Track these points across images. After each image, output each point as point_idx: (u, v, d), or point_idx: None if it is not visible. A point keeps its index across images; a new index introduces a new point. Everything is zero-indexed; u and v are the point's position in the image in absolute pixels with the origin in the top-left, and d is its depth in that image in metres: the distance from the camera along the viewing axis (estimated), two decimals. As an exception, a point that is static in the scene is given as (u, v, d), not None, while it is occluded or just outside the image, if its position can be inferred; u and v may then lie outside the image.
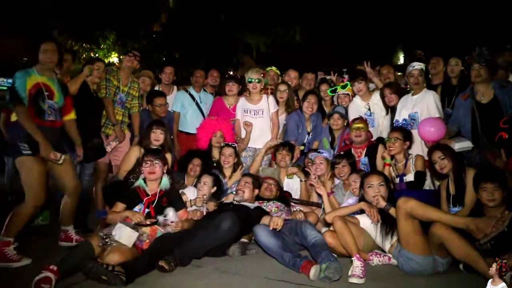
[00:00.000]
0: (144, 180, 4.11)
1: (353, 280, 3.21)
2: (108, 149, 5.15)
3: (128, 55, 5.60)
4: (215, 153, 5.48)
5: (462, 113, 4.91)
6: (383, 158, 4.78)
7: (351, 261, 3.37)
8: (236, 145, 5.38)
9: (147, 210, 3.94)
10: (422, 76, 5.12)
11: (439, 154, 4.17)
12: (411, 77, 5.16)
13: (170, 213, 3.87)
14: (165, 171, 4.17)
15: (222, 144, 5.34)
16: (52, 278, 2.95)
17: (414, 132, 4.91)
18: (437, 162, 4.18)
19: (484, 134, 4.69)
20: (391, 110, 5.40)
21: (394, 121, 5.14)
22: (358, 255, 3.35)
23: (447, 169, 4.14)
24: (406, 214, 3.32)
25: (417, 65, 5.14)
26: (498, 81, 4.92)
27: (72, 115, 4.50)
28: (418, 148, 4.92)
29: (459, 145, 4.66)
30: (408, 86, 5.58)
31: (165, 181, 4.14)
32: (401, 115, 5.13)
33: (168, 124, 5.67)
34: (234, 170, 5.24)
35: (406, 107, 5.14)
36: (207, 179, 4.74)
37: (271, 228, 3.63)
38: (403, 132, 4.70)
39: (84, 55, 11.68)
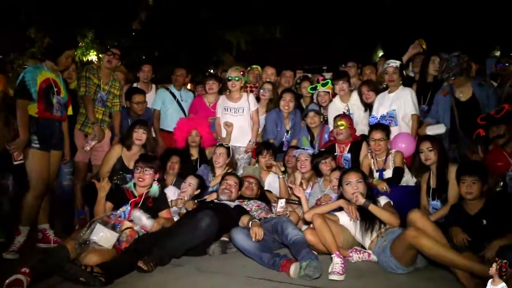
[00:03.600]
0: (134, 184, 4.13)
1: (333, 277, 3.22)
2: (87, 148, 5.10)
3: (107, 54, 5.49)
4: (193, 152, 5.51)
5: (442, 109, 4.98)
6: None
7: (331, 258, 3.38)
8: (229, 145, 5.37)
9: (133, 211, 3.91)
10: (396, 73, 5.14)
11: (427, 145, 4.22)
12: (386, 75, 5.21)
13: (143, 219, 3.83)
14: (155, 179, 4.14)
15: (217, 144, 5.35)
16: (23, 281, 2.91)
17: (394, 129, 4.98)
18: (424, 152, 4.24)
19: (463, 131, 4.76)
20: (369, 107, 5.45)
21: (370, 117, 5.18)
22: (337, 252, 3.37)
23: (431, 161, 4.20)
24: (412, 245, 3.14)
25: (392, 63, 5.18)
26: (477, 79, 5.00)
27: (69, 111, 4.76)
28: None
29: (431, 131, 4.73)
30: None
31: (155, 189, 4.12)
32: (379, 112, 5.18)
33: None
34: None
35: (383, 105, 5.19)
36: (192, 181, 4.73)
37: (253, 240, 3.62)
38: (385, 130, 4.73)
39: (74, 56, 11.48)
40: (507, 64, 5.60)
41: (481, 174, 3.67)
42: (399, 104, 5.11)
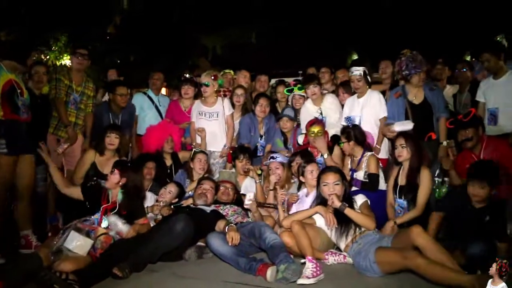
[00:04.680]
0: None
1: (301, 281, 3.23)
2: (60, 150, 5.01)
3: (76, 57, 5.44)
4: (167, 157, 5.50)
5: (396, 110, 5.07)
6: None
7: (304, 262, 3.42)
8: (208, 152, 5.36)
9: (104, 217, 3.86)
10: (361, 80, 5.19)
11: (401, 142, 4.21)
12: (352, 83, 5.30)
13: (119, 224, 3.81)
14: (121, 183, 4.04)
15: (197, 150, 5.31)
16: None
17: None
18: (397, 148, 4.23)
19: (416, 133, 4.85)
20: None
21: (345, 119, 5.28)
22: (310, 257, 3.39)
23: (403, 158, 4.19)
24: (407, 266, 3.15)
25: (355, 71, 5.21)
26: (428, 83, 5.13)
27: None
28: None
29: (398, 127, 4.74)
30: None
31: (119, 196, 4.02)
32: (350, 115, 5.28)
33: (129, 117, 5.74)
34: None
35: (354, 110, 5.27)
36: (173, 189, 4.69)
37: (230, 245, 3.63)
38: (345, 133, 4.77)
39: (34, 57, 11.25)
40: (464, 70, 5.75)
41: (491, 179, 3.63)
42: (370, 108, 5.19)
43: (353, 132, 4.74)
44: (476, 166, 3.88)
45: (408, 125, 4.74)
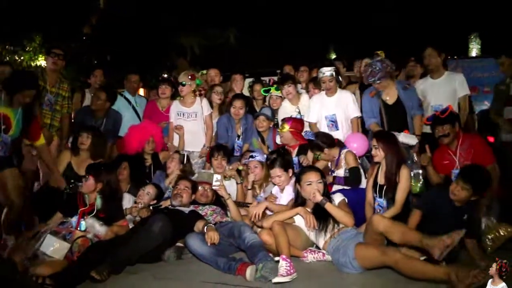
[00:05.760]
0: None
1: (276, 279, 3.23)
2: (34, 152, 4.93)
3: (51, 56, 5.39)
4: (147, 158, 5.46)
5: (373, 109, 5.12)
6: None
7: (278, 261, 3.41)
8: (185, 153, 5.33)
9: (81, 220, 3.81)
10: (332, 81, 5.22)
11: (374, 142, 4.16)
12: (323, 83, 5.30)
13: (96, 226, 3.77)
14: (97, 189, 4.01)
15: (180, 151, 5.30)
16: None
17: (337, 133, 5.09)
18: (372, 149, 4.21)
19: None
20: None
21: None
22: (284, 256, 3.38)
23: (377, 158, 4.14)
24: (385, 262, 3.19)
25: (326, 72, 5.23)
26: (401, 82, 5.21)
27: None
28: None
29: (401, 139, 4.64)
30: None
31: (98, 201, 3.99)
32: (322, 114, 5.32)
33: (113, 125, 5.70)
34: None
35: (326, 108, 5.31)
36: (151, 190, 4.64)
37: (208, 244, 3.62)
38: (314, 147, 4.77)
39: (7, 58, 11.03)
40: None
41: (476, 185, 3.61)
42: (343, 107, 5.24)
43: (320, 140, 4.76)
44: (467, 167, 3.93)
45: (411, 140, 4.72)
